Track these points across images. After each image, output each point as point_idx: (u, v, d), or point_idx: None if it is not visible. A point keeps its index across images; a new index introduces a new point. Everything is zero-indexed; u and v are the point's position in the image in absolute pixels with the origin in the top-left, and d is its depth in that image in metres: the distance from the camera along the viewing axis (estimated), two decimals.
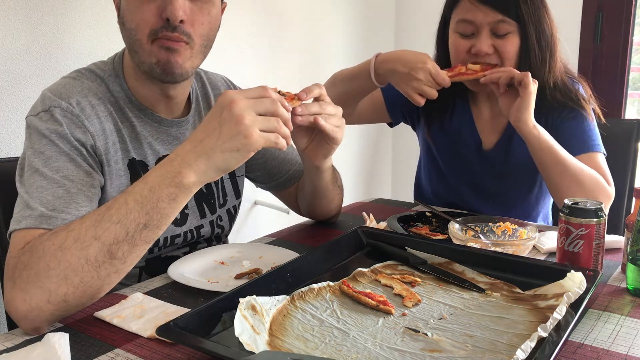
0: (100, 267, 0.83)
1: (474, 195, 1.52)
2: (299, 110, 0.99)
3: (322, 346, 0.75)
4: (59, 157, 0.96)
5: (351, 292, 0.89)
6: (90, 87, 1.06)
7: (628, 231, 0.99)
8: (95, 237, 0.83)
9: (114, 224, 0.83)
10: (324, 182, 1.23)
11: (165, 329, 0.73)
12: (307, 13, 2.46)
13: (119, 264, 0.84)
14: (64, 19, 1.58)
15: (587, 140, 1.39)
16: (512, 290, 0.90)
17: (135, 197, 0.85)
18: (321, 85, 1.04)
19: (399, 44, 2.98)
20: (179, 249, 1.20)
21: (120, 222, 0.83)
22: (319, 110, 1.02)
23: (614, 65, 2.40)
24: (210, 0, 1.04)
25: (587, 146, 1.38)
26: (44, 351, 0.75)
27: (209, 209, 1.22)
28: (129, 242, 0.84)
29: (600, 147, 1.39)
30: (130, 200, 0.84)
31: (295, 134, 1.11)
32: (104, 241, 0.83)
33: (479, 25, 1.34)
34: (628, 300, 0.93)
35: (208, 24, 1.05)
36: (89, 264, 0.82)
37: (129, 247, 0.84)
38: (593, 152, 1.38)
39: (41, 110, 1.00)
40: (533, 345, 0.68)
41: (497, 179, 1.49)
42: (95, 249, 0.82)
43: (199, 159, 0.85)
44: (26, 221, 0.90)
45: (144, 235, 0.85)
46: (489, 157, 1.50)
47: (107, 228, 0.83)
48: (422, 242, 1.07)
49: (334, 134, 1.05)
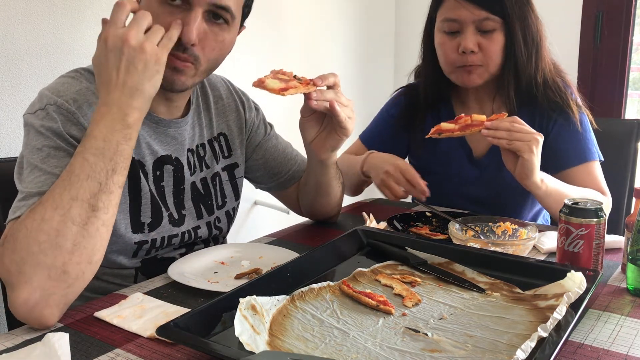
0: (87, 223, 0.85)
1: (469, 206, 1.51)
2: (314, 95, 1.02)
3: (322, 346, 0.75)
4: (56, 153, 0.97)
5: (351, 292, 0.89)
6: (88, 87, 1.06)
7: (628, 231, 0.99)
8: (72, 198, 0.85)
9: (84, 181, 0.86)
10: (327, 178, 1.24)
11: (165, 329, 0.73)
12: (307, 13, 2.47)
13: (103, 215, 0.87)
14: (64, 19, 1.58)
15: (583, 150, 1.39)
16: (512, 290, 0.90)
17: (91, 152, 0.88)
18: (336, 75, 1.06)
19: (398, 44, 2.99)
20: (175, 250, 1.19)
21: (89, 177, 0.87)
22: (334, 97, 1.05)
23: (614, 65, 2.40)
24: (227, 28, 1.05)
25: (584, 157, 1.39)
26: (44, 351, 0.75)
27: (206, 210, 1.22)
28: (105, 191, 0.88)
29: (596, 155, 1.40)
30: (89, 156, 0.88)
31: (304, 123, 1.13)
32: (82, 198, 0.86)
33: (463, 22, 1.34)
34: (628, 300, 0.93)
35: (219, 50, 1.06)
36: (76, 225, 0.84)
37: (107, 195, 0.88)
38: (589, 161, 1.38)
39: (38, 108, 1.01)
40: (533, 345, 0.68)
41: (492, 187, 1.48)
42: (77, 208, 0.85)
43: (133, 96, 0.91)
44: (21, 210, 0.90)
45: (116, 179, 0.89)
46: (481, 165, 1.49)
47: (80, 186, 0.86)
48: (422, 242, 1.07)
49: (346, 123, 1.08)
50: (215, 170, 1.24)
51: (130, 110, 0.91)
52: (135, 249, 1.11)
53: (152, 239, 1.12)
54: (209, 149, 1.23)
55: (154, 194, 1.12)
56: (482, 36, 1.35)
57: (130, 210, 1.08)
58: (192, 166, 1.19)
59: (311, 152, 1.20)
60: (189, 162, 1.18)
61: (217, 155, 1.24)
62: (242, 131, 1.29)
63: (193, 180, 1.19)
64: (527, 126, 1.19)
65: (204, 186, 1.21)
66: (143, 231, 1.11)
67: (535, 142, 1.17)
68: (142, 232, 1.10)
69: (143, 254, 1.13)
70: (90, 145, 0.89)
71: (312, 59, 2.52)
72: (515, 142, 1.17)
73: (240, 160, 1.29)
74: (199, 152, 1.21)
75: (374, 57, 2.90)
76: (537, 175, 1.21)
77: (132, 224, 1.09)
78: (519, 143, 1.17)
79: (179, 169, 1.16)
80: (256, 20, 2.22)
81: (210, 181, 1.23)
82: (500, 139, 1.18)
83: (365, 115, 2.85)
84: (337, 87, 1.08)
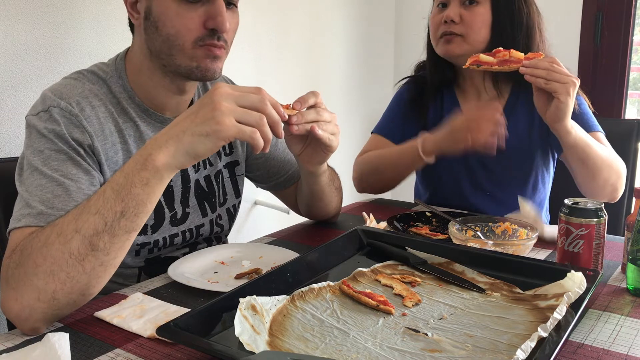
0: (84, 260, 0.82)
1: (470, 188, 1.52)
2: (294, 120, 0.96)
3: (322, 346, 0.75)
4: (57, 156, 0.97)
5: (351, 292, 0.89)
6: (91, 89, 1.06)
7: (628, 231, 0.99)
8: (76, 230, 0.82)
9: (92, 215, 0.82)
10: (320, 185, 1.23)
11: (165, 329, 0.73)
12: (307, 13, 2.47)
13: (102, 256, 0.83)
14: (64, 19, 1.58)
15: (586, 122, 1.40)
16: (512, 290, 0.90)
17: (112, 185, 0.84)
18: (317, 93, 1.01)
19: (399, 44, 2.99)
20: (178, 250, 1.20)
21: (98, 213, 0.82)
22: (315, 117, 1.00)
23: (614, 65, 2.40)
24: (236, 10, 1.10)
25: (589, 126, 1.40)
26: (44, 351, 0.75)
27: (210, 207, 1.22)
28: (109, 232, 0.83)
29: (600, 127, 1.42)
30: (108, 189, 0.84)
31: (289, 140, 1.11)
32: (84, 233, 0.82)
33: None
34: (628, 300, 0.93)
35: (235, 31, 1.11)
36: (72, 258, 0.82)
37: (110, 237, 0.83)
38: (595, 131, 1.40)
39: (41, 109, 1.01)
40: (533, 345, 0.68)
41: (492, 168, 1.50)
42: (77, 241, 0.82)
43: (169, 141, 0.83)
44: (25, 219, 0.90)
45: (123, 224, 0.83)
46: None
47: (86, 220, 0.82)
48: (422, 242, 1.07)
49: (329, 142, 1.04)
50: (218, 167, 1.24)
51: (158, 152, 0.83)
52: (138, 249, 1.11)
53: (154, 240, 1.12)
54: None
55: None
56: (465, 8, 1.41)
57: None
58: (196, 164, 1.19)
59: (300, 166, 1.19)
60: None
61: (220, 152, 1.25)
62: None
63: (197, 178, 1.20)
64: (565, 69, 1.20)
65: (207, 184, 1.22)
66: (146, 233, 1.11)
67: (572, 84, 1.18)
68: (144, 234, 1.11)
69: (146, 254, 1.14)
70: (114, 179, 0.84)
71: (313, 59, 2.52)
72: (552, 82, 1.18)
73: (241, 158, 1.29)
74: None
75: (374, 57, 2.90)
76: (569, 120, 1.23)
77: None
78: (556, 84, 1.18)
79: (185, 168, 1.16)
80: (256, 20, 2.23)
81: (213, 178, 1.23)
82: (537, 78, 1.19)
83: (365, 114, 2.86)
84: (319, 105, 1.01)
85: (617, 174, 1.34)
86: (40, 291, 0.82)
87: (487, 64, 1.27)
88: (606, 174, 1.32)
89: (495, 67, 1.26)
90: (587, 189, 1.37)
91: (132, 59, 1.11)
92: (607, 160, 1.32)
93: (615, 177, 1.34)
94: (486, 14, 1.40)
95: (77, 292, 0.84)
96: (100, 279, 0.86)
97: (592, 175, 1.32)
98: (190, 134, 0.83)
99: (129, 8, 1.07)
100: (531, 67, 1.20)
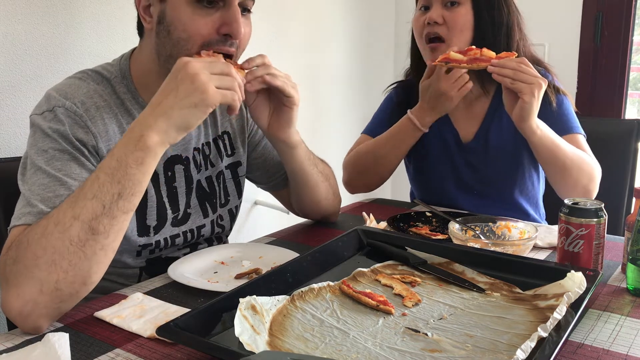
0: (85, 245, 0.83)
1: (456, 190, 1.52)
2: (248, 77, 1.02)
3: (322, 346, 0.75)
4: (61, 156, 0.97)
5: (351, 292, 0.89)
6: (96, 89, 1.06)
7: (628, 231, 0.99)
8: (74, 217, 0.83)
9: (89, 200, 0.84)
10: (298, 161, 1.20)
11: (165, 329, 0.73)
12: (307, 12, 2.47)
13: (103, 239, 0.85)
14: (64, 19, 1.58)
15: (565, 123, 1.41)
16: (512, 290, 0.90)
17: (104, 170, 0.86)
18: (264, 55, 1.06)
19: (398, 43, 2.99)
20: (179, 250, 1.20)
21: (95, 197, 0.84)
22: (265, 71, 1.05)
23: (614, 65, 2.40)
24: (250, 17, 1.10)
25: (567, 128, 1.40)
26: (44, 351, 0.75)
27: (211, 208, 1.22)
28: (108, 215, 0.84)
29: (580, 130, 1.42)
30: (101, 175, 0.86)
31: (253, 110, 1.13)
32: (83, 219, 0.83)
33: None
34: (628, 300, 0.93)
35: (248, 38, 1.10)
36: (73, 245, 0.83)
37: (109, 219, 0.85)
38: (574, 133, 1.40)
39: (45, 109, 1.01)
40: (533, 345, 0.68)
41: (479, 169, 1.50)
42: (77, 228, 0.83)
43: (158, 119, 0.87)
44: (25, 218, 0.90)
45: (121, 205, 0.86)
46: (469, 148, 1.51)
47: (83, 206, 0.84)
48: (422, 242, 1.07)
49: (287, 88, 1.07)
50: (219, 168, 1.24)
51: (149, 131, 0.87)
52: (139, 250, 1.11)
53: (156, 240, 1.12)
54: (214, 147, 1.23)
55: (161, 196, 1.12)
56: (447, 10, 1.41)
57: (136, 214, 1.08)
58: (198, 164, 1.19)
59: (272, 138, 1.17)
60: (195, 161, 1.18)
61: (222, 153, 1.25)
62: (243, 130, 1.29)
63: (199, 179, 1.20)
64: (534, 70, 1.21)
65: (209, 184, 1.22)
66: (148, 234, 1.11)
67: (538, 86, 1.20)
68: (147, 236, 1.11)
69: (147, 254, 1.14)
70: (105, 164, 0.87)
71: (313, 58, 2.52)
72: (518, 82, 1.20)
73: (243, 159, 1.30)
74: (204, 150, 1.21)
75: (374, 56, 2.90)
76: (534, 120, 1.25)
77: (139, 228, 1.09)
78: (522, 84, 1.20)
79: (188, 168, 1.17)
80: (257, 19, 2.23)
81: (215, 179, 1.23)
82: (504, 77, 1.21)
83: (365, 113, 2.85)
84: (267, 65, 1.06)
85: (588, 176, 1.32)
86: (43, 282, 0.82)
87: (456, 62, 1.26)
88: (575, 175, 1.31)
89: (464, 64, 1.26)
90: (559, 190, 1.37)
91: (140, 60, 1.10)
92: (576, 161, 1.30)
93: (587, 179, 1.32)
94: (468, 14, 1.40)
95: (80, 280, 0.84)
96: (102, 264, 0.87)
97: (560, 175, 1.32)
98: (179, 107, 0.87)
99: (141, 12, 1.06)
100: (499, 66, 1.22)
